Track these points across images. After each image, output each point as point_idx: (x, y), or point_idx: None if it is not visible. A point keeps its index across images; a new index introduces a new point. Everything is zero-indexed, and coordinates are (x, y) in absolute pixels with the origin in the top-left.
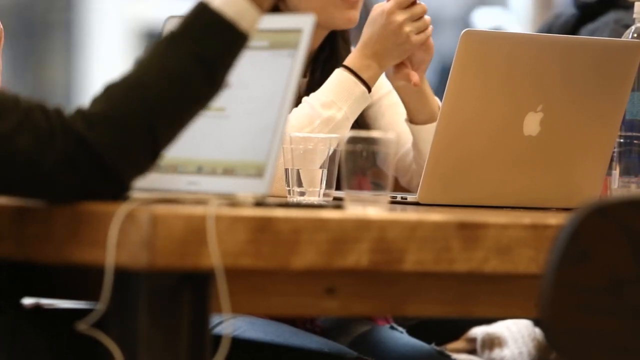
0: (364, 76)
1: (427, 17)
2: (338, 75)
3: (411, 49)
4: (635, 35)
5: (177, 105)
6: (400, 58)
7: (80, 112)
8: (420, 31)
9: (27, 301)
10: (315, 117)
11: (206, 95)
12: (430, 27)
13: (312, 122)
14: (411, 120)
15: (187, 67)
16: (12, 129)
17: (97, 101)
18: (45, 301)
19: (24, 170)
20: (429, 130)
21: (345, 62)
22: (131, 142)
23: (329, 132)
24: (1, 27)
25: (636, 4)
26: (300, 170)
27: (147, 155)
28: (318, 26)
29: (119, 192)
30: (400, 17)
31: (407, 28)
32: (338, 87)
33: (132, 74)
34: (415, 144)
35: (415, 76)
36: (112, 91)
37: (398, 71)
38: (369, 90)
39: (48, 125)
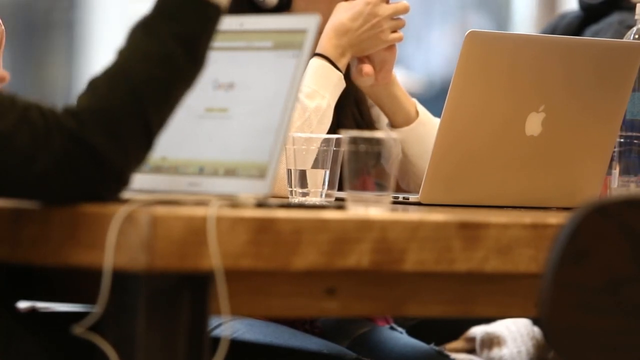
0: (340, 65)
1: (403, 18)
2: (315, 64)
3: (380, 46)
4: (636, 36)
5: (163, 88)
6: (367, 51)
7: (68, 110)
8: (394, 30)
9: (23, 304)
10: (304, 110)
11: (190, 74)
12: (402, 34)
13: (303, 115)
14: (391, 124)
15: (168, 48)
16: (9, 129)
17: (83, 97)
18: (42, 304)
19: (21, 170)
20: (406, 133)
21: (320, 50)
22: (123, 132)
23: (318, 121)
24: (3, 28)
25: (638, 5)
26: (301, 171)
27: (142, 143)
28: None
29: (118, 186)
30: (385, 11)
31: (386, 24)
32: (317, 76)
33: (113, 64)
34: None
35: (367, 67)
36: (96, 84)
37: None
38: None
39: (45, 124)
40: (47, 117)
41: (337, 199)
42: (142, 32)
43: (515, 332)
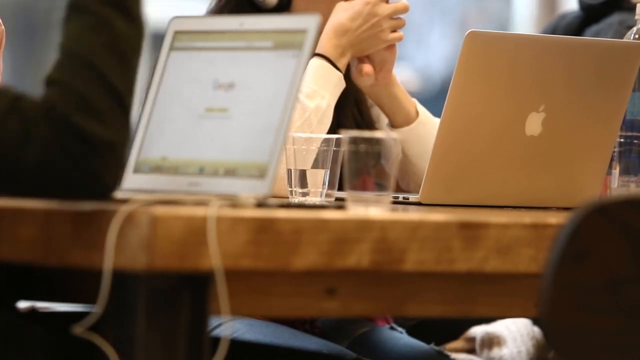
0: (339, 65)
1: (402, 17)
2: (315, 64)
3: (380, 45)
4: (636, 36)
5: (112, 51)
6: (367, 51)
7: (44, 99)
8: (394, 30)
9: (23, 304)
10: (304, 110)
11: (132, 34)
12: (402, 33)
13: (303, 115)
14: (391, 124)
15: (100, 15)
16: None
17: (47, 90)
18: (42, 304)
19: (13, 160)
20: (406, 133)
21: (320, 50)
22: (96, 104)
23: (318, 121)
24: (3, 28)
25: (638, 5)
26: (301, 171)
27: (118, 110)
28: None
29: (116, 162)
30: (384, 10)
31: (385, 24)
32: (317, 75)
33: (59, 51)
34: None
35: (367, 67)
36: (53, 77)
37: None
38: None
39: (33, 112)
40: (36, 104)
41: (337, 199)
42: (72, 11)
43: (515, 332)
